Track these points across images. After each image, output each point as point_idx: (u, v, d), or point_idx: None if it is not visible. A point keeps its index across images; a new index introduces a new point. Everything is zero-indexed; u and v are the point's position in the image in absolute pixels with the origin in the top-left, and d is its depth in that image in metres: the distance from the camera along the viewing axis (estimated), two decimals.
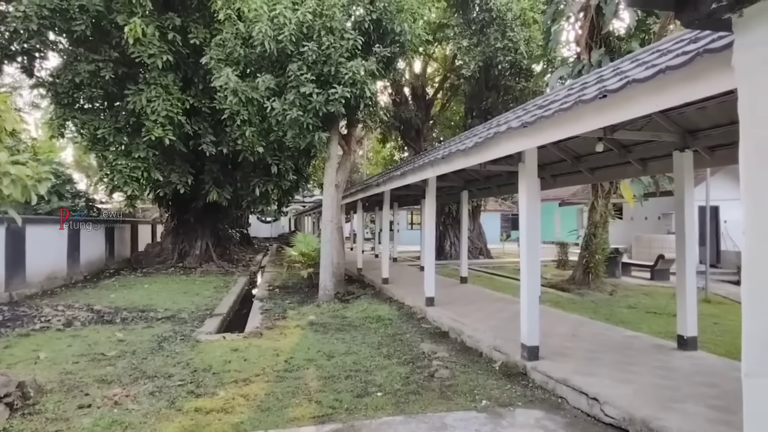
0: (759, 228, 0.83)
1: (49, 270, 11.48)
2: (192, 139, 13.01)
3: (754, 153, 0.83)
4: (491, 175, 10.21)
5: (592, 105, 3.36)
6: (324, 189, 10.58)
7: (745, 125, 0.84)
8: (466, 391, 4.48)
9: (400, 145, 24.49)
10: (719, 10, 0.84)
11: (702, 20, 0.90)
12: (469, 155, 5.54)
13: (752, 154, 0.83)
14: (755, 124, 0.83)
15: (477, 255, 20.86)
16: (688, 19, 0.92)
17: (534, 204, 5.13)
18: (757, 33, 0.82)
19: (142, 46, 11.15)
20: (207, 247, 17.05)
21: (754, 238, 0.83)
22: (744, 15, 0.84)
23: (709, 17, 0.87)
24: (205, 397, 4.42)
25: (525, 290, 5.03)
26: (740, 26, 0.86)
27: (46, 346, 6.20)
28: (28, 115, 23.05)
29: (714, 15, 0.86)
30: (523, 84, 17.71)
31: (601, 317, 7.96)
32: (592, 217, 11.50)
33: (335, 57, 8.46)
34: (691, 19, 0.90)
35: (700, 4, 0.86)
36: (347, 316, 8.21)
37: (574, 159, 7.51)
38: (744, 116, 0.84)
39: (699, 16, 0.88)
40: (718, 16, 0.86)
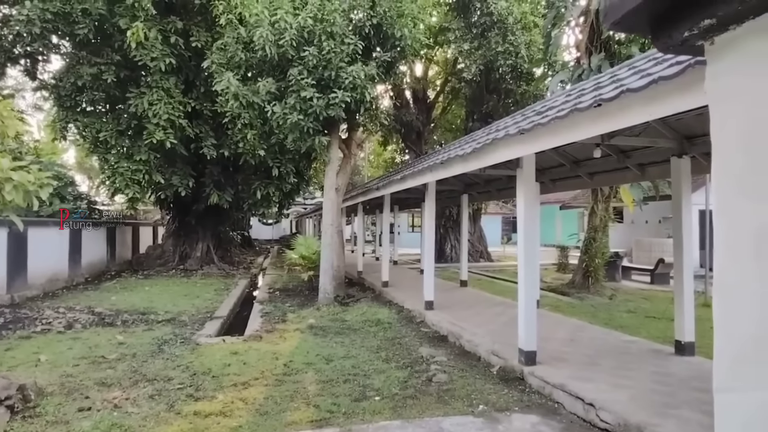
0: (730, 249, 0.86)
1: (50, 272, 11.54)
2: (193, 142, 13.07)
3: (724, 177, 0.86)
4: (491, 179, 10.24)
5: (587, 113, 3.39)
6: (324, 193, 10.63)
7: (716, 149, 0.88)
8: (463, 396, 4.51)
9: (401, 148, 24.54)
10: (692, 38, 0.87)
11: (676, 46, 0.93)
12: (467, 161, 5.58)
13: (723, 178, 0.86)
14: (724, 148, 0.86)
15: (478, 258, 20.88)
16: (663, 45, 0.95)
17: (532, 209, 5.16)
18: (727, 61, 0.86)
19: (145, 49, 11.22)
20: (208, 249, 17.10)
21: (726, 259, 0.86)
22: (715, 43, 0.87)
23: (682, 44, 0.90)
24: (204, 400, 4.45)
25: (522, 295, 5.05)
26: (712, 53, 0.89)
27: (47, 349, 6.25)
28: (30, 117, 23.20)
29: (687, 42, 0.89)
30: (524, 87, 17.73)
31: (600, 322, 7.97)
32: (592, 221, 11.53)
33: (336, 62, 8.52)
34: (665, 45, 0.94)
35: (674, 31, 0.89)
36: (347, 320, 8.24)
37: (573, 164, 7.54)
38: (715, 140, 0.88)
39: (673, 42, 0.91)
40: (691, 43, 0.89)
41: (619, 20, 0.92)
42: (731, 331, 0.83)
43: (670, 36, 0.90)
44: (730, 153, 0.85)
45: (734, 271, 0.84)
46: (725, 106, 0.86)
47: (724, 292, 0.86)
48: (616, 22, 0.94)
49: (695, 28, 0.85)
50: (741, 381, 0.81)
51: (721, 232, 0.88)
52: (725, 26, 0.82)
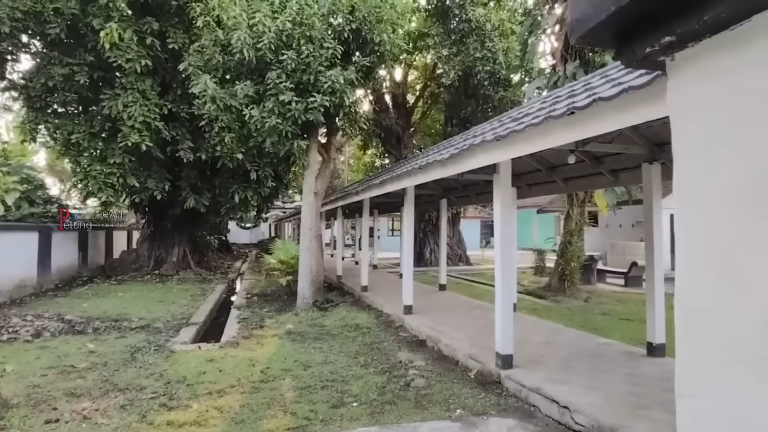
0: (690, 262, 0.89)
1: (18, 278, 11.13)
2: (169, 145, 12.83)
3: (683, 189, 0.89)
4: (469, 184, 10.33)
5: (561, 121, 3.46)
6: (303, 197, 10.56)
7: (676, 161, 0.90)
8: (441, 401, 4.52)
9: (381, 152, 24.57)
10: (653, 54, 0.90)
11: (639, 61, 0.96)
12: (446, 166, 5.63)
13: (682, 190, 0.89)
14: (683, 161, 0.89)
15: (457, 262, 21.03)
16: (626, 60, 0.98)
17: (509, 213, 5.23)
18: (686, 76, 0.89)
19: (119, 50, 10.96)
20: (184, 254, 16.77)
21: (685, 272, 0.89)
22: (675, 59, 0.90)
23: (645, 59, 0.93)
24: (178, 409, 4.35)
25: (499, 299, 5.11)
26: (672, 68, 0.92)
27: (13, 359, 6.01)
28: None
29: (649, 57, 0.92)
30: (501, 93, 17.99)
31: (576, 324, 8.11)
32: (568, 226, 11.75)
33: (314, 66, 8.50)
34: (629, 59, 0.97)
35: (637, 47, 0.92)
36: (325, 325, 8.18)
37: (548, 169, 7.68)
38: (675, 152, 0.91)
39: (636, 57, 0.94)
40: (653, 59, 0.92)
41: (584, 35, 0.95)
42: (691, 342, 0.86)
43: (633, 51, 0.93)
44: (688, 165, 0.88)
45: (694, 283, 0.86)
46: (684, 119, 0.89)
47: (684, 304, 0.88)
48: (582, 37, 0.96)
49: (656, 45, 0.88)
50: (700, 388, 0.84)
51: (681, 244, 0.90)
52: (684, 43, 0.85)
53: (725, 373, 0.78)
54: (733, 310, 0.77)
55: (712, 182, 0.82)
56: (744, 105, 0.75)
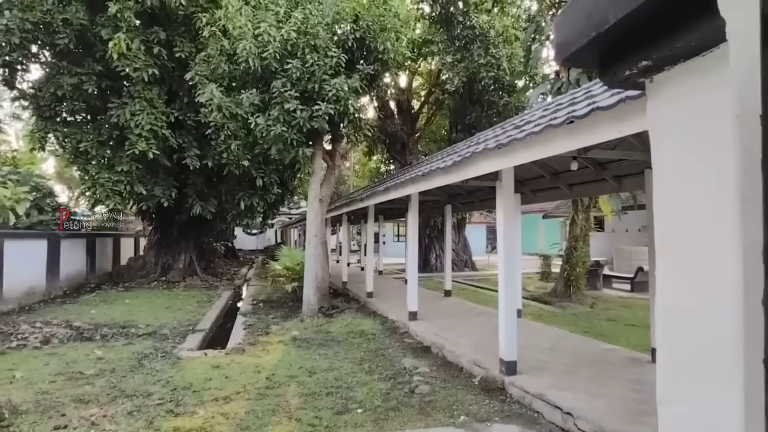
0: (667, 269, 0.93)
1: (27, 285, 11.28)
2: (176, 153, 12.97)
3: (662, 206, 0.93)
4: (473, 190, 10.37)
5: (561, 129, 3.50)
6: (308, 204, 10.63)
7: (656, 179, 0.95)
8: (445, 407, 4.54)
9: (386, 158, 24.69)
10: (633, 76, 0.95)
11: (620, 82, 1.00)
12: (448, 173, 5.68)
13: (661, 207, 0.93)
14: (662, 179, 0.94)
15: (462, 267, 21.02)
16: (609, 81, 1.02)
17: (512, 220, 5.26)
18: (663, 97, 0.93)
19: (127, 59, 11.13)
20: (191, 260, 16.90)
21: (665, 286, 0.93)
22: (654, 81, 0.95)
23: (626, 80, 0.97)
24: (185, 416, 4.40)
25: (503, 305, 5.13)
26: (651, 90, 0.96)
27: (22, 365, 6.10)
28: (8, 126, 22.75)
29: (629, 79, 0.96)
30: (506, 99, 18.03)
31: (581, 330, 8.10)
32: (573, 231, 11.74)
33: (319, 74, 8.59)
34: (611, 80, 1.01)
35: (618, 69, 0.97)
36: (330, 331, 8.22)
37: (552, 175, 7.70)
38: (655, 170, 0.95)
39: (617, 79, 0.98)
40: (633, 80, 0.97)
41: (568, 57, 0.99)
42: (671, 349, 0.90)
43: (614, 73, 0.98)
44: (665, 181, 0.92)
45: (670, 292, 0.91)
46: (662, 137, 0.93)
47: (664, 315, 0.92)
48: (567, 59, 1.01)
49: (635, 68, 0.93)
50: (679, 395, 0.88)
51: (660, 258, 0.95)
52: (660, 67, 0.90)
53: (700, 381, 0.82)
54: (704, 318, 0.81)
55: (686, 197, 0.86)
56: (713, 125, 0.79)
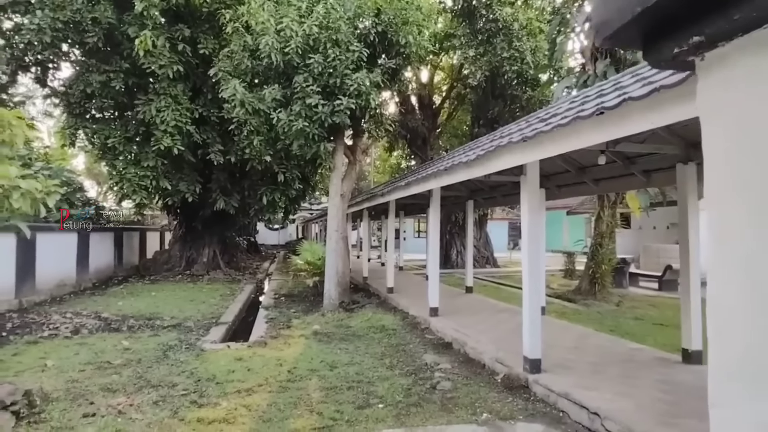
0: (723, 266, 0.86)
1: (58, 277, 11.65)
2: (200, 148, 13.19)
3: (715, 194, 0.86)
4: (496, 185, 10.21)
5: (590, 121, 3.39)
6: (329, 199, 10.66)
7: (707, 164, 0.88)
8: (467, 404, 4.48)
9: (407, 154, 24.59)
10: (682, 54, 0.88)
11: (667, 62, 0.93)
12: (471, 167, 5.58)
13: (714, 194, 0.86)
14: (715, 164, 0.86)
15: (483, 264, 20.81)
16: (653, 60, 0.95)
17: (536, 216, 5.15)
18: (717, 76, 0.86)
19: (153, 57, 11.35)
20: (214, 254, 17.18)
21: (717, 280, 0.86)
22: (705, 59, 0.88)
23: (673, 59, 0.91)
24: (208, 407, 4.46)
25: (527, 302, 5.03)
26: (702, 69, 0.89)
27: (54, 354, 6.30)
28: (41, 123, 23.53)
29: (678, 57, 0.89)
30: (529, 93, 17.71)
31: (606, 329, 7.90)
32: (599, 227, 11.45)
33: (341, 69, 8.58)
34: (656, 60, 0.94)
35: (664, 47, 0.90)
36: (351, 326, 8.23)
37: (578, 170, 7.51)
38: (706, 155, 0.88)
39: (663, 58, 0.91)
40: (682, 59, 0.90)
41: (610, 36, 0.93)
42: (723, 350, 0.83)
43: (660, 51, 0.91)
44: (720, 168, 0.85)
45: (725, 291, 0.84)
46: (715, 120, 0.86)
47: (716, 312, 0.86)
48: (608, 38, 0.94)
49: (685, 45, 0.86)
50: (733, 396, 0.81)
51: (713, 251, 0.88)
52: (714, 43, 0.83)
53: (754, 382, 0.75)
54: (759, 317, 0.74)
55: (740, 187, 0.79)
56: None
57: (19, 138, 3.62)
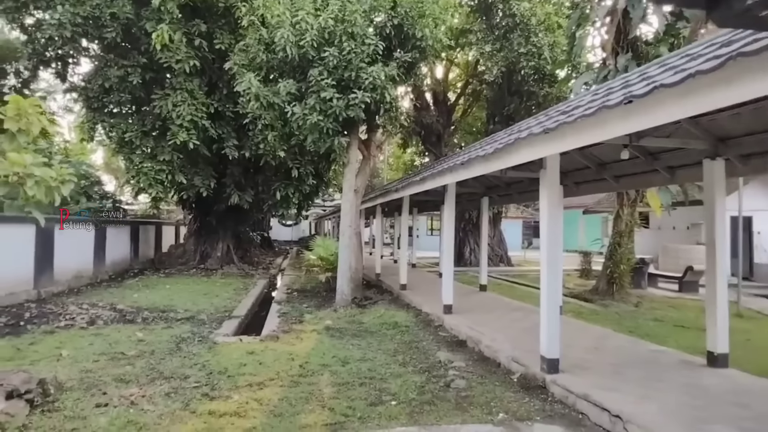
0: None
1: (76, 269, 11.80)
2: (215, 143, 13.24)
3: None
4: (512, 182, 10.04)
5: (617, 111, 3.24)
6: (343, 194, 10.59)
7: None
8: (482, 403, 4.37)
9: (421, 151, 24.40)
10: (755, 6, 0.77)
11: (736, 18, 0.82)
12: (489, 161, 5.44)
13: None
14: None
15: (497, 262, 20.57)
16: (720, 18, 0.84)
17: (555, 212, 5.00)
18: None
19: (170, 51, 11.43)
20: (228, 249, 17.28)
21: None
22: None
23: (744, 14, 0.79)
24: (219, 400, 4.43)
25: (545, 301, 4.89)
26: None
27: (69, 344, 6.34)
28: (61, 118, 23.93)
29: (750, 12, 0.78)
30: (546, 90, 17.42)
31: (625, 330, 7.70)
32: (617, 226, 11.19)
33: (356, 62, 8.49)
34: (724, 17, 0.83)
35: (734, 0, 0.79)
36: (364, 322, 8.16)
37: (598, 166, 7.31)
38: None
39: (732, 13, 0.80)
40: (754, 13, 0.78)
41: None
42: None
43: (729, 6, 0.80)
44: None
45: None
46: None
47: None
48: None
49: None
50: None
51: None
52: None
53: None
54: None
55: None
56: None
57: (36, 127, 3.61)
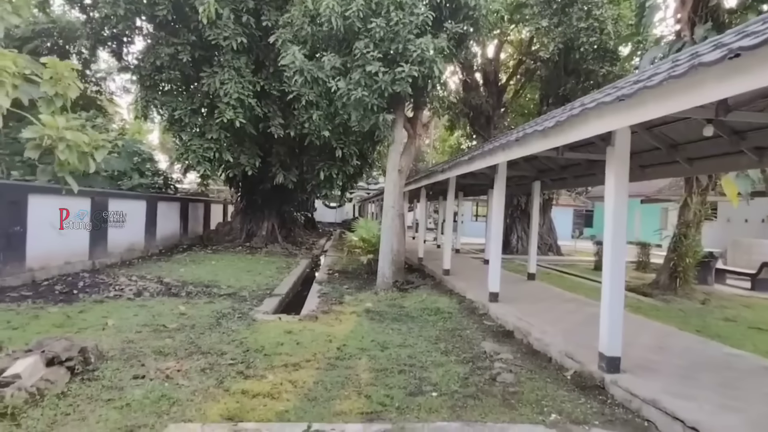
0: None
1: (128, 242, 12.23)
2: (261, 122, 13.24)
3: None
4: (568, 164, 9.34)
5: (715, 69, 2.70)
6: (387, 174, 10.27)
7: None
8: (532, 401, 3.98)
9: (468, 133, 23.59)
10: None
11: None
12: (548, 136, 4.92)
13: None
14: None
15: (546, 251, 19.68)
16: None
17: (623, 196, 4.43)
18: None
19: (218, 28, 11.45)
20: (272, 228, 17.48)
21: None
22: None
23: None
24: (254, 379, 4.29)
25: (608, 293, 4.38)
26: None
27: (115, 314, 6.47)
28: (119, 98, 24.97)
29: None
30: (607, 68, 16.17)
31: (692, 329, 6.99)
32: (684, 216, 10.22)
33: (404, 34, 8.03)
34: None
35: None
36: (405, 306, 7.89)
37: (669, 147, 6.56)
38: None
39: None
40: None
41: None
42: None
43: None
44: None
45: None
46: None
47: None
48: None
49: None
50: None
51: None
52: None
53: None
54: None
55: None
56: None
57: (73, 91, 3.50)
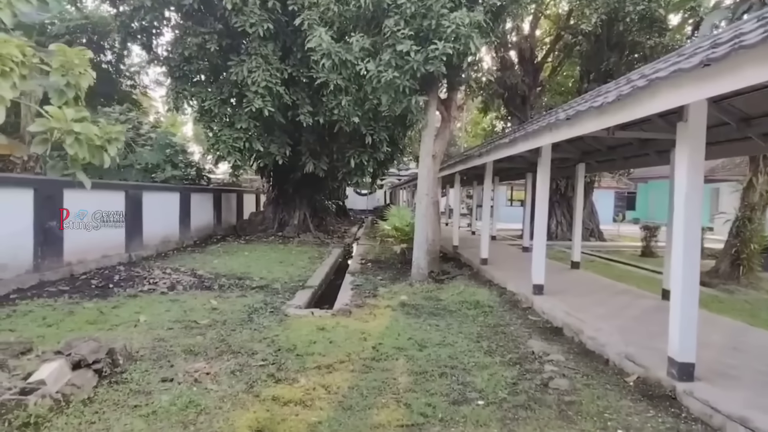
0: None
1: (163, 234, 12.31)
2: (290, 110, 13.00)
3: None
4: (617, 145, 8.63)
5: None
6: (420, 159, 9.80)
7: None
8: (593, 413, 3.53)
9: (503, 115, 22.65)
10: None
11: None
12: (605, 113, 4.35)
13: None
14: None
15: (588, 237, 18.75)
16: None
17: (697, 177, 3.85)
18: None
19: (244, 15, 11.21)
20: (304, 217, 17.37)
21: None
22: None
23: None
24: (285, 383, 4.02)
25: (679, 289, 3.85)
26: None
27: (148, 309, 6.38)
28: (152, 91, 25.34)
29: None
30: (655, 39, 14.96)
31: (764, 324, 6.28)
32: (749, 198, 9.31)
33: (436, 8, 7.47)
34: None
35: None
36: (442, 299, 7.51)
37: (741, 121, 5.84)
38: None
39: None
40: None
41: None
42: None
43: None
44: None
45: None
46: None
47: None
48: None
49: None
50: None
51: None
52: None
53: None
54: None
55: None
56: None
57: (85, 80, 3.25)
